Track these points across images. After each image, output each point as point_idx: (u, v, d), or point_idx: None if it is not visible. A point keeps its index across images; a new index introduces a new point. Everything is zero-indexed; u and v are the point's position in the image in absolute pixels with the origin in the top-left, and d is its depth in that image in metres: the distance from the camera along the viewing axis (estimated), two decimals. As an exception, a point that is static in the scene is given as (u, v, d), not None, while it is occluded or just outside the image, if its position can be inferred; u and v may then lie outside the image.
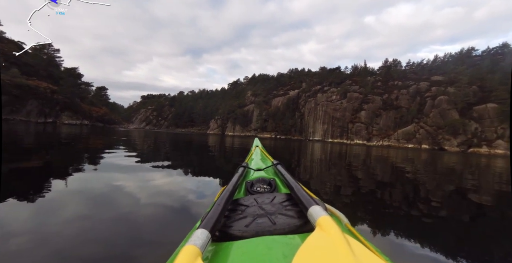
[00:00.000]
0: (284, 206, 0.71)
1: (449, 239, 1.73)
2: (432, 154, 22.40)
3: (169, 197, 2.42)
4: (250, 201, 0.78)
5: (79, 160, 4.37)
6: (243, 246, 0.52)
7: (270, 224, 0.59)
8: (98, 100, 65.43)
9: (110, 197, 2.30)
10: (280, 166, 1.14)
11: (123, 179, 3.05)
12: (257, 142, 2.22)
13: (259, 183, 1.02)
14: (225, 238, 0.58)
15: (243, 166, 1.21)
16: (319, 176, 4.51)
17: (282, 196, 0.80)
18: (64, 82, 48.37)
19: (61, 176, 3.00)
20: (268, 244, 0.51)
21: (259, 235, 0.56)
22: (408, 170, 6.21)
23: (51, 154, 5.13)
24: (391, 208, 2.51)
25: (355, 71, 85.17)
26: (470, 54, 73.76)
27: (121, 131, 27.06)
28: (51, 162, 4.10)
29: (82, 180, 2.86)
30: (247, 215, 0.67)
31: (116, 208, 1.99)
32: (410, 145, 57.44)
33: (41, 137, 9.47)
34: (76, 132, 15.16)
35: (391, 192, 3.39)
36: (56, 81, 48.22)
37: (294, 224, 0.59)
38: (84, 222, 1.67)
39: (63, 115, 45.74)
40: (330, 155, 10.70)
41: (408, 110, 62.26)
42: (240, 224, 0.61)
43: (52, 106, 44.36)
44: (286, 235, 0.56)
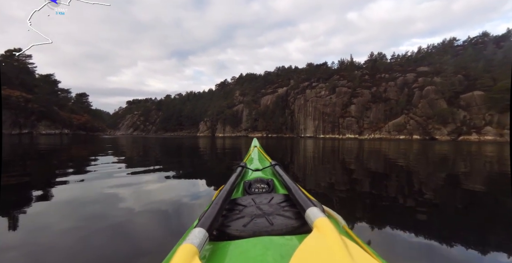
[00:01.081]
0: (282, 207, 0.71)
1: (447, 237, 1.61)
2: (424, 144, 22.33)
3: (162, 202, 2.32)
4: (248, 201, 0.78)
5: (61, 172, 4.05)
6: (240, 246, 0.52)
7: (268, 225, 0.59)
8: (79, 107, 62.23)
9: (100, 206, 2.19)
10: (278, 167, 1.14)
11: (113, 187, 2.85)
12: (255, 142, 2.23)
13: (257, 183, 1.03)
14: (222, 238, 0.58)
15: (241, 166, 1.21)
16: (312, 174, 4.31)
17: (280, 196, 0.80)
18: (39, 90, 45.44)
19: (43, 189, 2.84)
20: (266, 244, 0.51)
21: (257, 235, 0.56)
22: (401, 163, 6.10)
23: (29, 166, 4.81)
24: (387, 208, 2.32)
25: (342, 66, 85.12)
26: (452, 44, 75.08)
27: (106, 139, 25.64)
28: (30, 175, 3.81)
29: (67, 191, 2.71)
30: (244, 215, 0.67)
31: (109, 217, 1.90)
32: (401, 136, 57.56)
33: (16, 150, 8.77)
34: (55, 142, 14.33)
35: (386, 189, 3.20)
36: (30, 89, 45.25)
37: (292, 225, 0.59)
38: (77, 234, 1.58)
39: (40, 125, 42.88)
40: (323, 151, 10.48)
41: (397, 102, 62.45)
42: (238, 224, 0.61)
43: (27, 116, 41.49)
44: (284, 236, 0.56)
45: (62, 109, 52.56)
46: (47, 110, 44.18)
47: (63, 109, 53.16)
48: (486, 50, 59.44)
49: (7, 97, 38.97)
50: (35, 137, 27.21)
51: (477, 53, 59.22)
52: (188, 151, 9.74)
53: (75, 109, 59.54)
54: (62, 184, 3.06)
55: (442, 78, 57.74)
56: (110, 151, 8.76)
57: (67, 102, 59.37)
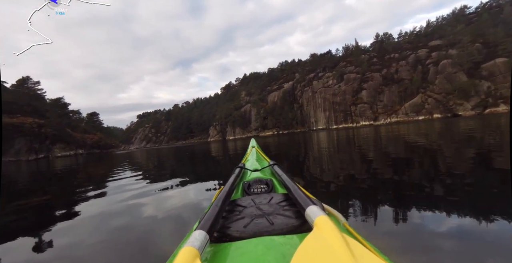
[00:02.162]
0: (282, 206, 0.71)
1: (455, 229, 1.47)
2: (446, 122, 20.96)
3: (182, 208, 2.40)
4: (247, 201, 0.79)
5: (80, 191, 4.10)
6: (241, 246, 0.52)
7: (268, 225, 0.59)
8: (91, 126, 63.68)
9: (124, 218, 2.26)
10: (277, 167, 1.14)
11: (133, 199, 2.92)
12: (253, 143, 2.24)
13: (256, 184, 1.03)
14: (223, 239, 0.58)
15: (240, 167, 1.22)
16: (326, 169, 4.05)
17: (280, 196, 0.80)
18: (50, 114, 46.53)
19: (67, 208, 2.96)
20: (267, 244, 0.51)
21: (257, 235, 0.56)
22: (423, 146, 5.54)
23: (49, 190, 4.85)
24: (396, 202, 2.08)
25: (347, 52, 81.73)
26: (464, 12, 69.78)
27: (119, 155, 25.75)
28: (51, 196, 3.97)
29: (90, 207, 2.79)
30: (245, 216, 0.67)
31: (134, 228, 1.97)
32: (420, 117, 54.10)
33: (35, 175, 9.01)
34: (70, 164, 14.60)
35: (403, 179, 2.81)
36: (42, 115, 46.46)
37: (292, 224, 0.59)
38: (106, 246, 1.68)
39: (54, 148, 43.87)
40: (336, 143, 9.82)
41: (411, 81, 58.77)
42: (238, 225, 0.61)
43: (41, 141, 42.53)
44: (284, 235, 0.56)
45: (75, 130, 53.78)
46: (60, 133, 45.16)
47: (76, 130, 54.40)
48: (503, 13, 54.53)
49: (20, 125, 40.07)
50: (51, 161, 28.02)
51: (494, 18, 54.43)
52: (201, 157, 9.57)
53: (88, 129, 60.89)
54: (84, 200, 3.17)
55: (458, 49, 53.64)
56: (124, 165, 8.83)
57: (79, 123, 60.82)
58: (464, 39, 54.20)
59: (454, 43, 56.08)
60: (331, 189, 2.72)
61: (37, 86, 48.19)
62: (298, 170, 4.14)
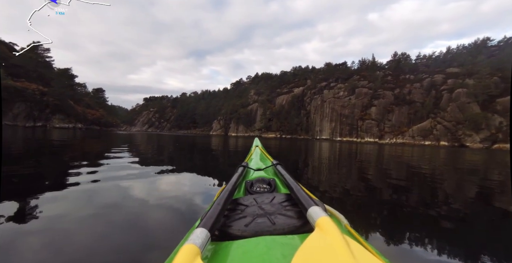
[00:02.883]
0: (284, 206, 0.71)
1: (457, 244, 1.59)
2: (452, 151, 20.52)
3: (176, 201, 2.32)
4: (249, 201, 0.78)
5: (74, 166, 4.00)
6: (242, 245, 0.52)
7: (270, 224, 0.59)
8: (95, 102, 62.83)
9: (117, 202, 2.20)
10: (280, 166, 1.14)
11: (128, 184, 2.82)
12: (257, 142, 2.25)
13: (258, 183, 1.02)
14: (224, 238, 0.58)
15: (243, 166, 1.21)
16: (327, 178, 4.12)
17: (282, 196, 0.80)
18: (55, 83, 45.70)
19: (59, 183, 2.85)
20: (268, 244, 0.51)
21: (259, 235, 0.56)
22: (425, 171, 5.59)
23: (41, 161, 4.69)
24: (397, 211, 2.26)
25: (362, 66, 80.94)
26: (486, 44, 68.83)
27: (119, 134, 25.24)
28: (43, 169, 3.76)
29: (83, 186, 2.66)
30: (246, 215, 0.67)
31: (126, 213, 1.95)
32: (427, 142, 53.22)
33: (30, 143, 8.66)
34: (67, 137, 14.30)
35: (400, 194, 3.03)
36: (48, 83, 45.63)
37: (294, 225, 0.59)
38: (94, 227, 1.64)
39: (54, 118, 43.06)
40: (339, 155, 9.82)
41: (422, 104, 57.96)
42: (240, 224, 0.61)
43: (41, 109, 41.75)
44: (286, 235, 0.55)
45: (78, 103, 52.97)
46: (62, 103, 44.35)
47: (79, 104, 53.59)
48: (526, 50, 53.82)
49: (23, 89, 39.20)
50: (49, 131, 27.42)
51: (516, 53, 53.71)
52: (201, 150, 9.29)
53: (91, 104, 60.08)
54: (76, 176, 3.10)
55: (475, 80, 52.81)
56: (123, 147, 8.50)
57: (84, 97, 59.94)
58: (483, 71, 53.37)
59: (472, 73, 55.28)
60: (325, 199, 2.60)
61: (46, 53, 47.36)
62: (296, 175, 4.02)
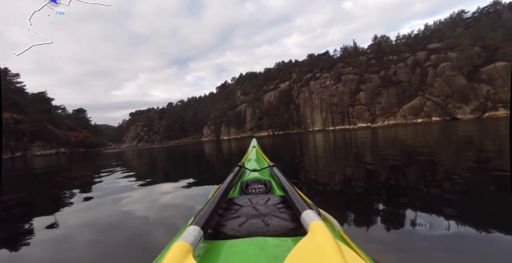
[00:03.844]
0: (278, 208, 0.71)
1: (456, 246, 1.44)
2: (445, 126, 20.54)
3: (177, 212, 2.29)
4: (244, 201, 0.78)
5: (62, 193, 3.76)
6: (235, 245, 0.52)
7: (263, 225, 0.59)
8: (77, 124, 60.24)
9: (115, 222, 2.14)
10: (276, 168, 1.14)
11: (124, 203, 2.74)
12: (254, 143, 2.23)
13: (254, 184, 1.02)
14: (217, 236, 0.58)
15: (239, 166, 1.21)
16: (321, 172, 3.83)
17: (277, 198, 0.80)
18: (31, 109, 43.24)
19: (48, 210, 2.72)
20: (260, 245, 0.51)
21: (252, 235, 0.56)
22: (420, 150, 5.41)
23: (26, 188, 4.61)
24: (391, 211, 1.99)
25: (345, 53, 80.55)
26: (461, 17, 69.35)
27: (106, 154, 23.68)
28: (29, 197, 3.65)
29: (75, 215, 2.52)
30: (240, 215, 0.67)
31: (126, 232, 1.88)
32: (419, 120, 53.10)
33: (9, 176, 8.09)
34: (51, 163, 13.30)
35: (393, 185, 2.71)
36: (22, 110, 43.11)
37: (287, 227, 0.59)
38: (96, 249, 1.60)
39: (33, 146, 40.72)
40: (332, 145, 9.40)
41: (409, 83, 57.80)
42: (233, 223, 0.61)
43: (18, 138, 39.33)
44: (279, 237, 0.55)
45: (59, 127, 50.49)
46: (40, 129, 42.00)
47: (60, 127, 51.09)
48: (502, 18, 54.06)
49: (-5, 120, 36.79)
50: (29, 160, 25.68)
51: (493, 22, 53.85)
52: (193, 158, 8.95)
53: (73, 126, 57.53)
54: (67, 206, 2.87)
55: (457, 52, 52.84)
56: (110, 166, 7.94)
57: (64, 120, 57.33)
58: (464, 43, 53.45)
59: (453, 46, 55.36)
60: (325, 195, 2.54)
61: (16, 79, 44.79)
62: (292, 172, 3.87)
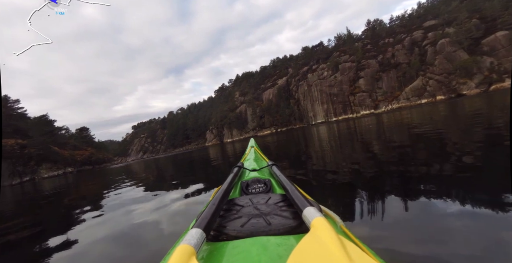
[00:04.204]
0: (279, 207, 0.71)
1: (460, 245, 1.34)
2: (451, 103, 19.72)
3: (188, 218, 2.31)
4: (245, 201, 0.78)
5: (73, 212, 3.73)
6: (238, 246, 0.52)
7: (265, 225, 0.59)
8: (81, 142, 60.67)
9: (127, 234, 2.18)
10: (275, 167, 1.14)
11: (134, 215, 2.77)
12: (252, 143, 2.23)
13: (254, 184, 1.03)
14: (220, 238, 0.58)
15: (238, 166, 1.22)
16: (326, 167, 3.66)
17: (277, 196, 0.80)
18: (34, 133, 43.56)
19: (60, 229, 2.72)
20: (263, 244, 0.51)
21: (254, 235, 0.56)
22: (428, 133, 5.00)
23: (39, 214, 4.46)
24: (393, 203, 1.87)
25: (339, 42, 79.14)
26: (454, -10, 67.50)
27: (112, 169, 23.44)
28: (42, 223, 3.52)
29: (90, 230, 2.56)
30: (242, 215, 0.67)
31: (137, 242, 1.93)
32: (423, 101, 51.69)
33: (20, 201, 8.10)
34: (60, 184, 13.24)
35: (402, 173, 2.51)
36: (25, 134, 43.46)
37: (289, 225, 0.59)
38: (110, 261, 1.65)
39: (40, 169, 41.03)
40: (337, 136, 9.16)
41: (409, 64, 56.32)
42: (235, 224, 0.61)
43: (25, 163, 39.63)
44: (281, 235, 0.56)
45: (64, 148, 50.85)
46: (46, 152, 42.30)
47: (65, 147, 51.46)
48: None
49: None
50: (38, 183, 25.81)
51: (488, -9, 52.09)
52: (200, 165, 8.62)
53: (78, 145, 57.92)
54: (79, 223, 2.91)
55: (455, 27, 51.26)
56: (116, 182, 7.73)
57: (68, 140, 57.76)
58: (460, 16, 51.84)
59: (450, 21, 53.75)
60: (331, 190, 2.46)
61: (17, 105, 45.17)
62: (298, 169, 3.75)
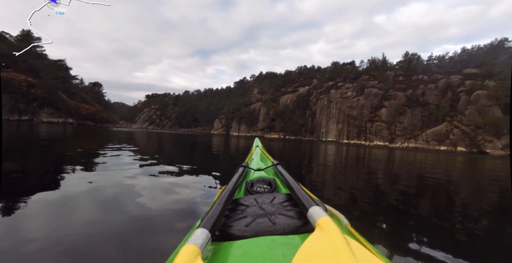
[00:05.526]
0: (284, 207, 0.71)
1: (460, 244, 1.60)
2: (471, 158, 19.02)
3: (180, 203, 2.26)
4: (250, 201, 0.79)
5: (62, 163, 3.79)
6: (243, 245, 0.52)
7: (270, 224, 0.59)
8: (91, 97, 59.96)
9: (116, 200, 2.17)
10: (280, 166, 1.13)
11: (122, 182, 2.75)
12: (257, 142, 2.24)
13: (259, 183, 1.02)
14: (225, 238, 0.58)
15: (243, 166, 1.21)
16: (332, 183, 3.96)
17: (282, 196, 0.80)
18: (45, 74, 42.76)
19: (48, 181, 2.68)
20: (268, 244, 0.51)
21: (259, 235, 0.56)
22: (439, 180, 5.09)
23: (28, 156, 4.48)
24: (400, 213, 2.26)
25: (371, 66, 77.11)
26: (503, 44, 64.76)
27: (114, 132, 22.73)
28: (29, 165, 3.57)
29: (74, 183, 2.58)
30: (247, 215, 0.67)
31: (127, 212, 1.90)
32: (442, 147, 49.44)
33: (14, 138, 7.93)
34: (56, 131, 13.35)
35: (406, 199, 2.97)
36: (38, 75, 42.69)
37: (294, 225, 0.59)
38: (95, 227, 1.60)
39: (41, 112, 40.11)
40: (346, 159, 9.17)
41: (437, 107, 54.14)
42: (240, 224, 0.61)
43: (28, 102, 38.78)
44: (286, 235, 0.56)
45: (72, 98, 50.06)
46: (51, 96, 41.44)
47: (73, 98, 50.67)
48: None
49: (9, 80, 36.25)
50: (35, 125, 25.38)
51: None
52: (204, 151, 8.60)
53: (87, 99, 57.18)
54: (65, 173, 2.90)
55: (496, 81, 48.92)
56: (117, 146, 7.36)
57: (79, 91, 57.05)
58: (505, 72, 49.49)
59: (492, 75, 51.38)
60: (327, 200, 2.54)
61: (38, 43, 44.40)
62: (301, 180, 3.63)
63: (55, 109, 41.83)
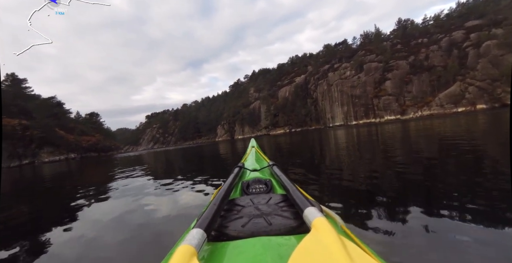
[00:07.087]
0: (280, 207, 0.71)
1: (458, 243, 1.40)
2: (494, 114, 17.34)
3: None
4: (246, 201, 0.79)
5: (73, 201, 3.48)
6: (239, 246, 0.52)
7: (266, 225, 0.59)
8: (90, 127, 59.47)
9: None
10: (276, 167, 1.15)
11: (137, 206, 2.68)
12: (253, 143, 2.25)
13: (255, 184, 1.03)
14: (221, 238, 0.58)
15: (239, 167, 1.22)
16: (340, 175, 3.35)
17: (278, 197, 0.81)
18: (38, 114, 42.18)
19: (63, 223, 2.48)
20: (264, 244, 0.51)
21: (255, 235, 0.56)
22: (460, 147, 4.28)
23: (36, 201, 4.25)
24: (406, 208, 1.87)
25: (365, 40, 73.50)
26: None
27: (117, 158, 21.81)
28: (38, 211, 3.32)
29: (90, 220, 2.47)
30: (243, 215, 0.67)
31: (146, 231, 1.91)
32: (460, 109, 45.93)
33: (17, 184, 7.72)
34: (60, 170, 12.60)
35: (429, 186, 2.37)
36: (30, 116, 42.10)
37: (290, 225, 0.59)
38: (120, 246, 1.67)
39: (41, 153, 39.49)
40: (356, 143, 8.01)
41: (445, 68, 50.42)
42: (236, 224, 0.61)
43: (26, 145, 38.19)
44: (282, 236, 0.56)
45: (71, 132, 49.49)
46: (49, 135, 40.77)
47: (73, 132, 50.10)
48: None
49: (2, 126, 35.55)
50: (37, 167, 24.63)
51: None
52: (213, 159, 8.39)
53: (86, 130, 56.63)
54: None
55: (505, 28, 44.85)
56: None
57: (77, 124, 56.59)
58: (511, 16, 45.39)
59: (499, 21, 47.23)
60: (339, 195, 2.38)
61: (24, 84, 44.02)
62: (308, 173, 3.52)
63: (54, 147, 41.24)
